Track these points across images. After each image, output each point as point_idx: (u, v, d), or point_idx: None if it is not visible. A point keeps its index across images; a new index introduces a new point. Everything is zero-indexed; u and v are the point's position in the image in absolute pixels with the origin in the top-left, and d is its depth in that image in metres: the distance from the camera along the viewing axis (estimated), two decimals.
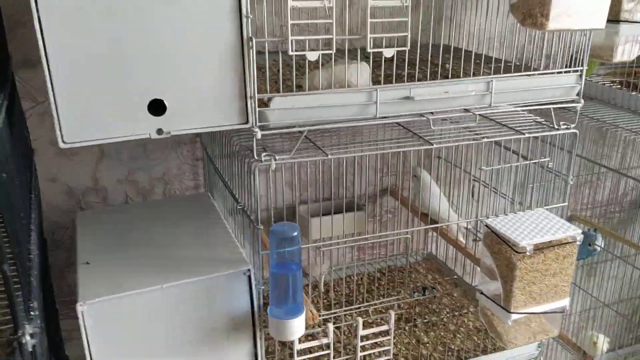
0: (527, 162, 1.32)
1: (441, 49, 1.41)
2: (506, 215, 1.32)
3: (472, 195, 1.65)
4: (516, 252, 1.19)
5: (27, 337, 0.76)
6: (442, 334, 1.55)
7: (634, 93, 1.69)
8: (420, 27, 1.13)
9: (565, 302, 1.27)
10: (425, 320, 1.59)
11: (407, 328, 1.57)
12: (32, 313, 0.80)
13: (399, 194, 1.77)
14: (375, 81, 1.15)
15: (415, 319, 1.60)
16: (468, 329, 1.58)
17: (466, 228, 1.61)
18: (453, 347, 1.50)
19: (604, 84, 1.81)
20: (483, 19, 1.42)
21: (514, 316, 1.22)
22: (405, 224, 1.77)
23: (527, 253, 1.18)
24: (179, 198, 1.60)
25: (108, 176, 1.56)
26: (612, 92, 1.77)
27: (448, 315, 1.63)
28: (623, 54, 1.54)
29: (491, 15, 1.30)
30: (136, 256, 1.20)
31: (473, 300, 1.67)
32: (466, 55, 1.27)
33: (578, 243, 1.24)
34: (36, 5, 0.87)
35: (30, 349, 0.77)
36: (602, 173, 2.15)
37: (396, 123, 1.28)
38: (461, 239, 1.58)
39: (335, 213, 1.50)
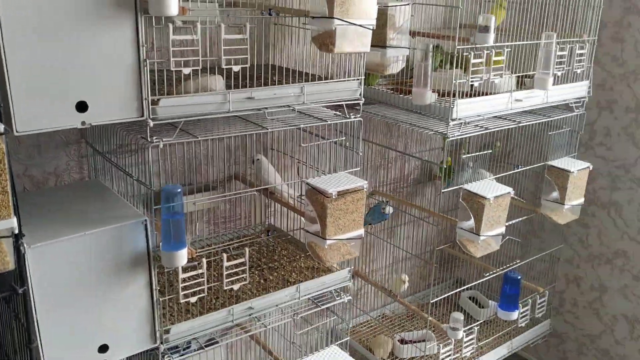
0: (332, 140, 1.94)
1: (270, 67, 1.99)
2: (319, 177, 1.94)
3: (298, 173, 2.26)
4: (326, 197, 1.80)
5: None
6: (282, 273, 2.13)
7: (402, 95, 2.39)
8: (255, 51, 1.70)
9: (360, 232, 1.91)
10: (269, 266, 2.16)
11: (256, 272, 2.12)
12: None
13: (241, 177, 2.31)
14: (228, 87, 1.70)
15: (262, 266, 2.16)
16: (301, 268, 2.17)
17: (297, 197, 2.20)
18: (291, 280, 2.08)
19: (384, 90, 2.49)
20: (298, 46, 2.05)
21: (329, 242, 1.83)
22: (250, 198, 2.33)
23: (334, 197, 1.80)
24: (76, 184, 2.00)
25: None
26: (390, 96, 2.42)
27: (286, 261, 2.21)
28: (392, 68, 2.23)
29: (302, 44, 1.92)
30: (58, 219, 1.60)
31: (302, 251, 2.26)
32: (286, 71, 1.87)
33: (365, 190, 1.88)
34: (2, 37, 1.31)
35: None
36: (392, 158, 2.87)
37: (237, 116, 1.83)
38: (290, 201, 2.18)
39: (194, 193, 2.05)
